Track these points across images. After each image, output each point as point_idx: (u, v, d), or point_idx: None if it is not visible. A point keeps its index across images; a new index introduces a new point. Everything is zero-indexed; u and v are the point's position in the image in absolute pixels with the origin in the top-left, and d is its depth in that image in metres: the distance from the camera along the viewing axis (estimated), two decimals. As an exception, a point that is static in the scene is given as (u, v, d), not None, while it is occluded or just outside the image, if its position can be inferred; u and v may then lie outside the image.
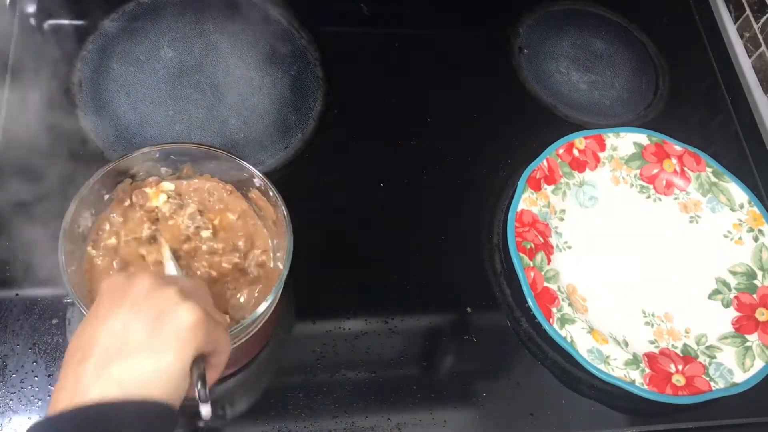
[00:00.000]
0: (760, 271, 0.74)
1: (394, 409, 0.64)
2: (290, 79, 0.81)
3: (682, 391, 0.65)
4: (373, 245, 0.73)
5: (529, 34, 0.91)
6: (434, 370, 0.67)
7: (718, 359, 0.68)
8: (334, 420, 0.62)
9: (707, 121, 0.90)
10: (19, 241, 0.64)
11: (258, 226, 0.63)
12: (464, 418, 0.65)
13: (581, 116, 0.85)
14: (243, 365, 0.63)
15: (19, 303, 0.63)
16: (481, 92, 0.85)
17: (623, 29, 0.94)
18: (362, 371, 0.65)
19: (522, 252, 0.70)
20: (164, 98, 0.77)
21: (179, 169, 0.63)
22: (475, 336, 0.69)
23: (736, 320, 0.71)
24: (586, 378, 0.67)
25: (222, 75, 0.79)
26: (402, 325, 0.68)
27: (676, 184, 0.79)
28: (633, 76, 0.90)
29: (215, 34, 0.82)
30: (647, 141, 0.80)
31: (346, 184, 0.76)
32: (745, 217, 0.76)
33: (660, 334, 0.70)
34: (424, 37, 0.89)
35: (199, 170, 0.63)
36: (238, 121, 0.77)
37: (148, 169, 0.62)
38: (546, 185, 0.75)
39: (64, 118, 0.73)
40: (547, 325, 0.66)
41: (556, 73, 0.89)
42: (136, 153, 0.60)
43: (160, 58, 0.79)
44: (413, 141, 0.80)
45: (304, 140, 0.77)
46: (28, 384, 0.60)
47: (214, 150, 0.61)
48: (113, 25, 0.81)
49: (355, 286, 0.70)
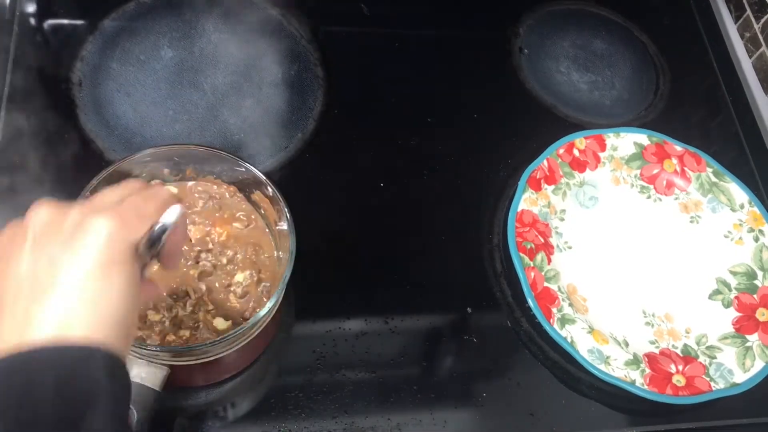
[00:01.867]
0: (761, 271, 0.74)
1: (394, 409, 0.64)
2: (290, 79, 0.81)
3: (683, 391, 0.65)
4: (373, 245, 0.73)
5: (529, 34, 0.91)
6: (434, 370, 0.67)
7: (719, 359, 0.68)
8: (334, 420, 0.62)
9: (707, 121, 0.90)
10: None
11: (261, 228, 0.63)
12: (464, 418, 0.65)
13: (581, 116, 0.85)
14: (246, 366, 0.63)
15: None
16: (481, 92, 0.85)
17: (623, 29, 0.94)
18: (362, 371, 0.65)
19: (522, 252, 0.70)
20: (164, 98, 0.77)
21: (182, 170, 0.63)
22: (475, 336, 0.69)
23: (737, 320, 0.71)
24: (586, 378, 0.67)
25: (222, 75, 0.79)
26: (402, 325, 0.68)
27: (677, 185, 0.79)
28: (633, 76, 0.90)
29: (215, 34, 0.82)
30: (647, 141, 0.80)
31: (346, 184, 0.76)
32: (746, 218, 0.76)
33: (660, 335, 0.70)
34: (424, 37, 0.89)
35: (201, 171, 0.63)
36: (238, 121, 0.77)
37: (150, 171, 0.62)
38: (546, 185, 0.75)
39: (63, 118, 0.73)
40: (548, 325, 0.66)
41: (556, 73, 0.89)
42: (138, 155, 0.59)
43: (160, 58, 0.79)
44: (413, 141, 0.80)
45: (304, 140, 0.77)
46: (28, 384, 0.60)
47: (218, 152, 0.61)
48: (113, 25, 0.80)
49: (355, 286, 0.70)
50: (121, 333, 0.37)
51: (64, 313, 0.35)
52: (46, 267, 0.36)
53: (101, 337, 0.35)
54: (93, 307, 0.36)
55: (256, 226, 0.63)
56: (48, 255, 0.36)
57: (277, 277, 0.59)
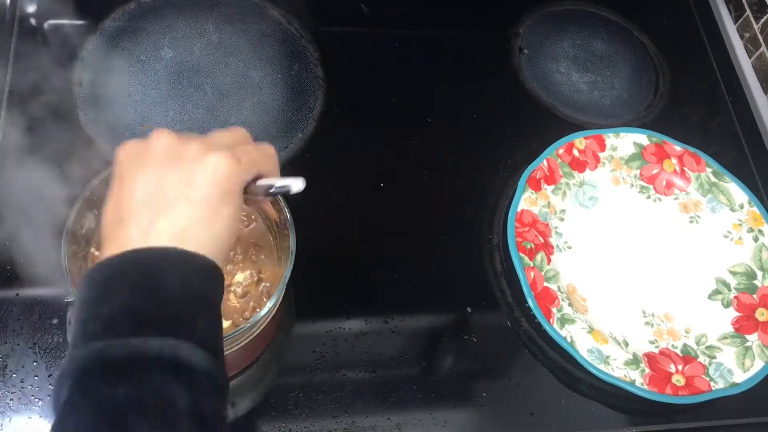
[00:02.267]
0: (760, 271, 0.74)
1: (394, 409, 0.64)
2: (290, 79, 0.81)
3: (682, 391, 0.65)
4: (373, 245, 0.73)
5: (529, 34, 0.91)
6: (434, 370, 0.67)
7: (718, 359, 0.68)
8: (334, 420, 0.62)
9: (707, 121, 0.90)
10: (20, 241, 0.64)
11: (260, 228, 0.63)
12: (464, 418, 0.65)
13: (581, 116, 0.85)
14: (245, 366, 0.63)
15: (19, 303, 0.63)
16: (481, 92, 0.85)
17: (623, 29, 0.94)
18: (362, 371, 0.65)
19: (522, 252, 0.70)
20: (164, 98, 0.77)
21: None
22: (475, 336, 0.69)
23: (736, 320, 0.71)
24: (586, 378, 0.67)
25: (222, 75, 0.79)
26: (402, 325, 0.68)
27: (676, 185, 0.79)
28: (633, 76, 0.91)
29: (215, 34, 0.82)
30: (647, 141, 0.80)
31: (346, 184, 0.76)
32: (745, 218, 0.76)
33: (660, 334, 0.71)
34: (424, 37, 0.89)
35: None
36: (238, 121, 0.77)
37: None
38: (546, 185, 0.75)
39: (64, 118, 0.73)
40: (547, 325, 0.66)
41: (556, 73, 0.89)
42: None
43: (160, 58, 0.79)
44: (413, 141, 0.80)
45: (304, 140, 0.77)
46: (29, 384, 0.60)
47: None
48: (113, 25, 0.81)
49: (355, 286, 0.70)
50: (221, 257, 0.41)
51: (183, 228, 0.39)
52: (170, 187, 0.40)
53: (210, 255, 0.40)
54: (207, 228, 0.40)
55: (256, 226, 0.63)
56: (171, 178, 0.41)
57: (277, 277, 0.59)
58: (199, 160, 0.41)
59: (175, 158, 0.41)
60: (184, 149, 0.42)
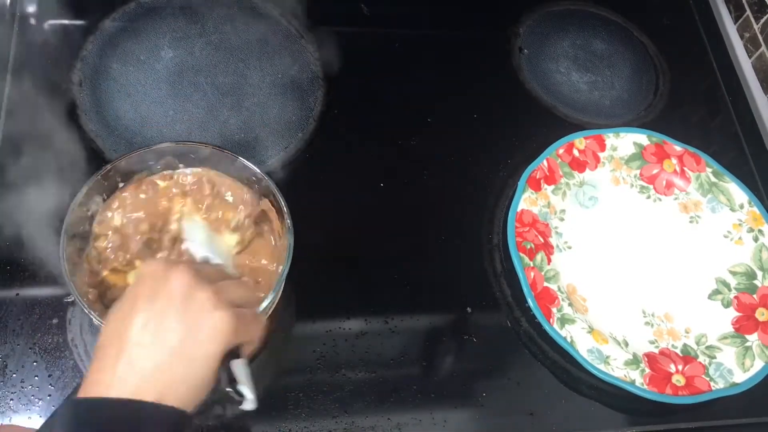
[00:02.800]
0: (760, 271, 0.74)
1: (394, 409, 0.64)
2: (290, 79, 0.81)
3: (682, 391, 0.65)
4: (374, 245, 0.73)
5: (529, 34, 0.91)
6: (434, 370, 0.67)
7: (718, 359, 0.68)
8: (334, 420, 0.62)
9: (707, 121, 0.90)
10: (19, 241, 0.64)
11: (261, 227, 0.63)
12: (464, 418, 0.65)
13: (581, 116, 0.85)
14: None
15: (19, 303, 0.63)
16: (481, 92, 0.85)
17: (623, 29, 0.94)
18: (362, 371, 0.65)
19: (522, 252, 0.70)
20: (164, 98, 0.77)
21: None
22: (475, 336, 0.69)
23: (736, 320, 0.71)
24: (586, 378, 0.67)
25: (222, 75, 0.79)
26: (402, 325, 0.68)
27: (676, 185, 0.79)
28: (633, 76, 0.91)
29: (215, 34, 0.82)
30: (647, 141, 0.80)
31: (346, 184, 0.76)
32: (745, 218, 0.76)
33: (660, 334, 0.71)
34: (424, 37, 0.89)
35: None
36: (238, 121, 0.77)
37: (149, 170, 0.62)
38: (546, 185, 0.75)
39: (64, 118, 0.73)
40: (547, 325, 0.66)
41: (556, 73, 0.89)
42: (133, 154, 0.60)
43: (160, 58, 0.79)
44: (413, 141, 0.80)
45: (304, 140, 0.77)
46: (28, 384, 0.60)
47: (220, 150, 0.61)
48: (113, 25, 0.81)
49: (355, 286, 0.70)
50: (195, 403, 0.45)
51: (177, 379, 0.43)
52: (174, 332, 0.44)
53: (191, 404, 0.44)
54: (185, 383, 0.43)
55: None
56: (178, 322, 0.44)
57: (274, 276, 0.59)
58: (207, 316, 0.44)
59: (187, 299, 0.44)
60: (197, 297, 0.45)
